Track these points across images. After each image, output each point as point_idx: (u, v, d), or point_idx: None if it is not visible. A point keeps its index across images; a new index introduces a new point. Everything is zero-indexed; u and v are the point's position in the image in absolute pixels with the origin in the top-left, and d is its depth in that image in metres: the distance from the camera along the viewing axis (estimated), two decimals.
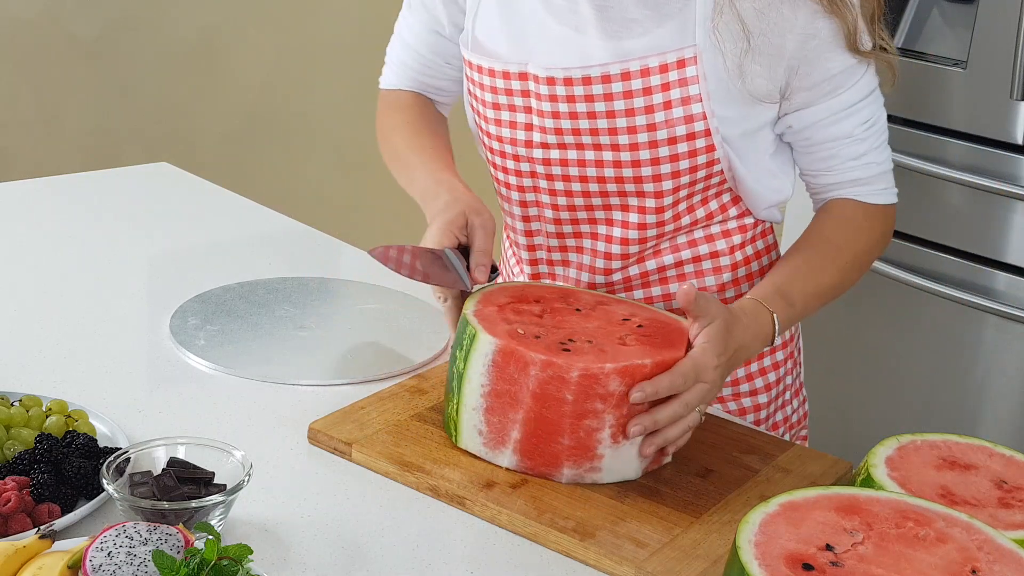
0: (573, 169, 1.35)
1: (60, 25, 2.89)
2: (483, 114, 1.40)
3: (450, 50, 1.48)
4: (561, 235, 1.42)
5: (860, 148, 1.35)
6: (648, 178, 1.32)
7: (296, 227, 1.86)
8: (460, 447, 1.19)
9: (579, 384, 1.11)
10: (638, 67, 1.27)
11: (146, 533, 0.94)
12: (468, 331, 1.16)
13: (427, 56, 1.50)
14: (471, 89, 1.41)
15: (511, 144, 1.38)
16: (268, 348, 1.42)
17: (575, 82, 1.30)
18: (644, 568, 1.03)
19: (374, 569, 1.03)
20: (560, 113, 1.32)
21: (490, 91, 1.37)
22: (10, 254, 1.66)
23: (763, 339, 1.26)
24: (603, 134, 1.31)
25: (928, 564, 0.90)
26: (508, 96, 1.36)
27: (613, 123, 1.30)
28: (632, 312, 1.24)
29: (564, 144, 1.34)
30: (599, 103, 1.30)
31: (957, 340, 2.44)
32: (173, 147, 3.10)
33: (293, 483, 1.15)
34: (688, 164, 1.31)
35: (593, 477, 1.15)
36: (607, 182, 1.35)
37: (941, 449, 1.12)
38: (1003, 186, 2.28)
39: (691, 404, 1.14)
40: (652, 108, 1.29)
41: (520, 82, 1.34)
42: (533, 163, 1.37)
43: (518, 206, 1.44)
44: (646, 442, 1.14)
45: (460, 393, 1.17)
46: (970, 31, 2.31)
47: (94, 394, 1.27)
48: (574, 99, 1.31)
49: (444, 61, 1.50)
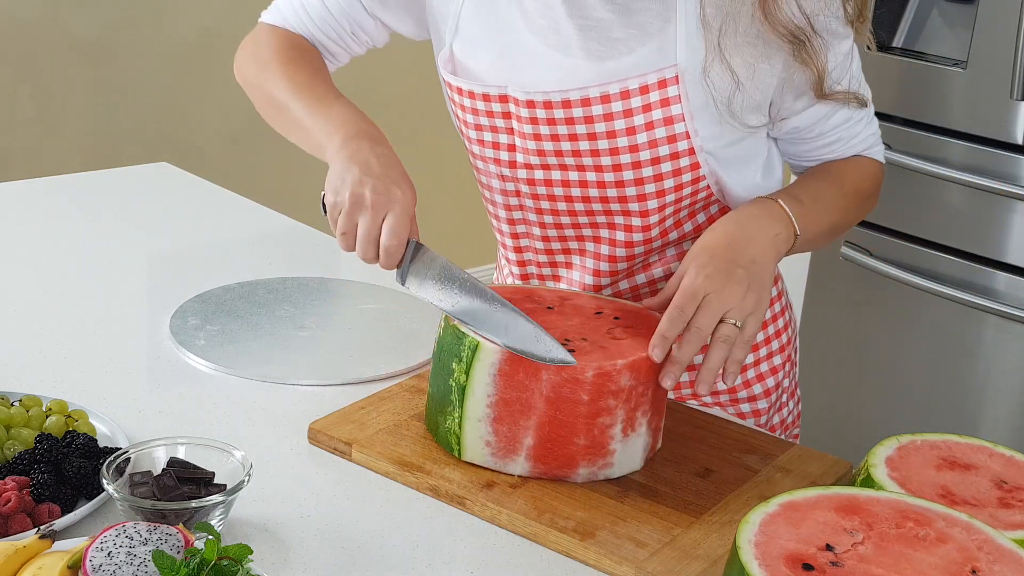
0: (558, 189, 1.34)
1: (60, 25, 2.89)
2: (466, 133, 1.38)
3: (364, 23, 1.41)
4: (550, 251, 1.42)
5: (858, 127, 1.37)
6: (633, 198, 1.31)
7: (296, 227, 1.86)
8: (465, 460, 1.17)
9: (594, 383, 1.12)
10: (618, 89, 1.25)
11: (146, 533, 0.94)
12: (467, 343, 1.14)
13: (335, 14, 1.40)
14: (453, 108, 1.39)
15: (495, 164, 1.37)
16: (268, 348, 1.42)
17: (555, 105, 1.27)
18: (644, 568, 1.03)
19: (374, 569, 1.03)
20: (541, 135, 1.30)
21: (471, 112, 1.35)
22: (10, 254, 1.66)
23: (777, 219, 1.25)
24: (585, 155, 1.30)
25: (928, 564, 0.90)
26: (489, 118, 1.33)
27: (595, 145, 1.28)
28: (598, 304, 1.25)
29: (547, 165, 1.32)
30: (580, 125, 1.28)
31: (957, 340, 2.44)
32: (173, 147, 3.10)
33: (293, 483, 1.15)
34: (673, 183, 1.30)
35: (605, 473, 1.16)
36: (592, 201, 1.33)
37: (941, 449, 1.12)
38: (1003, 186, 2.28)
39: (705, 326, 1.15)
40: (634, 129, 1.27)
41: (501, 104, 1.32)
42: (518, 182, 1.36)
43: (506, 224, 1.43)
44: (697, 381, 1.15)
45: (463, 406, 1.15)
46: (970, 31, 2.31)
47: (94, 394, 1.27)
48: (555, 122, 1.29)
49: (351, 30, 1.41)
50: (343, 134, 1.24)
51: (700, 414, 1.31)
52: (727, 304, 1.16)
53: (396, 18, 1.41)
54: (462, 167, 1.53)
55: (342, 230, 1.18)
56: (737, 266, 1.19)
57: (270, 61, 1.38)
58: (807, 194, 1.31)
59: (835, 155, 1.38)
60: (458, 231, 3.76)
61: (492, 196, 1.42)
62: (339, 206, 1.18)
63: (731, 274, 1.18)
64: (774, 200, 1.27)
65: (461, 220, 3.75)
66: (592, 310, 1.24)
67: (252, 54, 1.42)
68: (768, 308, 1.42)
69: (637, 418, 1.15)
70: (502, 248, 1.50)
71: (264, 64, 1.38)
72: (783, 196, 1.29)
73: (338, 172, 1.19)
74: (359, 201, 1.17)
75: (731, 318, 1.16)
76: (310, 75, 1.35)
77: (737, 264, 1.19)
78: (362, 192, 1.17)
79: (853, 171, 1.38)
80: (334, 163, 1.21)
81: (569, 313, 1.23)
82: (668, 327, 1.14)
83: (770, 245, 1.24)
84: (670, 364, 1.14)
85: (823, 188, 1.34)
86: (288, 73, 1.35)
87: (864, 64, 1.36)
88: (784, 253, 1.27)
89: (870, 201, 1.42)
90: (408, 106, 3.62)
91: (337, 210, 1.18)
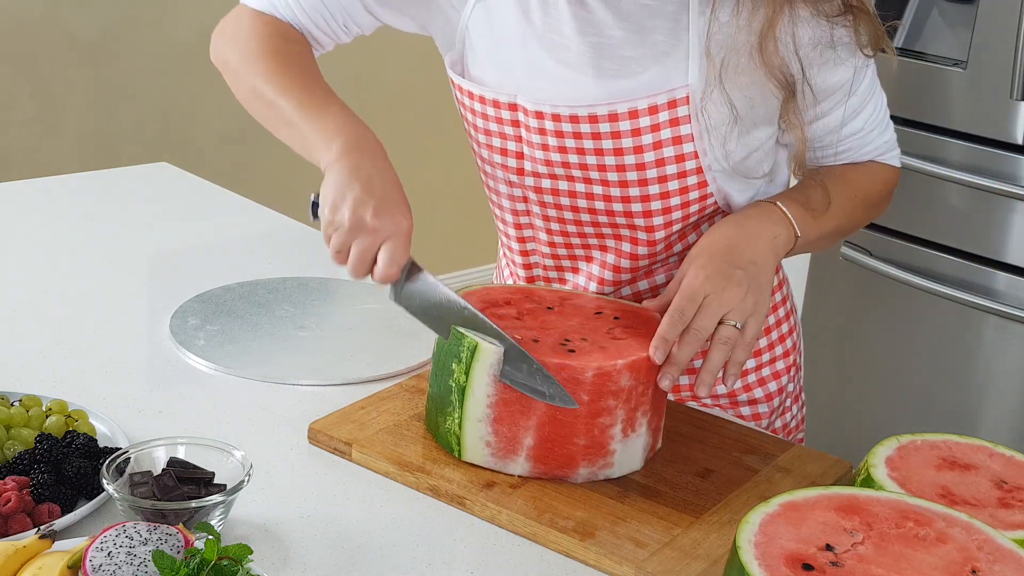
0: (564, 199, 1.33)
1: (60, 25, 2.89)
2: (475, 137, 1.37)
3: (358, 17, 1.36)
4: (556, 256, 1.41)
5: (872, 136, 1.37)
6: (638, 213, 1.31)
7: (296, 227, 1.86)
8: (465, 460, 1.17)
9: (594, 383, 1.12)
10: (626, 109, 1.24)
11: (146, 533, 0.94)
12: (466, 343, 1.14)
13: (328, 9, 1.35)
14: (462, 111, 1.38)
15: (503, 169, 1.36)
16: (268, 348, 1.42)
17: (563, 119, 1.26)
18: (644, 568, 1.03)
19: (374, 569, 1.03)
20: (549, 146, 1.29)
21: (481, 117, 1.34)
22: (10, 254, 1.66)
23: (776, 221, 1.25)
24: (592, 170, 1.29)
25: (928, 564, 0.90)
26: (499, 124, 1.32)
27: (602, 160, 1.27)
28: (598, 304, 1.25)
29: (555, 175, 1.31)
30: (587, 140, 1.27)
31: (957, 340, 2.44)
32: (173, 147, 3.10)
33: (293, 483, 1.15)
34: (679, 200, 1.30)
35: (605, 473, 1.16)
36: (598, 214, 1.33)
37: (941, 449, 1.12)
38: (1003, 186, 2.28)
39: (704, 327, 1.15)
40: (641, 149, 1.26)
41: (510, 112, 1.30)
42: (525, 189, 1.36)
43: (513, 228, 1.43)
44: (697, 383, 1.15)
45: (463, 407, 1.15)
46: (970, 31, 2.31)
47: (94, 394, 1.27)
48: (562, 135, 1.27)
49: (342, 24, 1.37)
50: (341, 142, 1.20)
51: (700, 414, 1.31)
52: (727, 305, 1.16)
53: (395, 16, 1.38)
54: (465, 164, 1.53)
55: (337, 248, 1.15)
56: (736, 267, 1.19)
57: (255, 51, 1.32)
58: (811, 197, 1.30)
59: (845, 162, 1.37)
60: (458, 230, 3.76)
61: (500, 200, 1.42)
62: (336, 224, 1.15)
63: (730, 276, 1.18)
64: (773, 203, 1.27)
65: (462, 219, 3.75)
66: (592, 310, 1.24)
67: (233, 40, 1.35)
68: (771, 311, 1.42)
69: (637, 418, 1.15)
70: (507, 251, 1.49)
71: (248, 54, 1.32)
72: (783, 199, 1.28)
73: (337, 186, 1.16)
74: (359, 224, 1.14)
75: (731, 319, 1.16)
76: (301, 71, 1.30)
77: (736, 265, 1.19)
78: (363, 215, 1.14)
79: (864, 176, 1.38)
80: (332, 173, 1.18)
81: (569, 313, 1.23)
82: (668, 329, 1.14)
83: (769, 247, 1.24)
84: (668, 365, 1.14)
85: (830, 192, 1.33)
86: (277, 67, 1.29)
87: None
88: (784, 255, 1.27)
89: (881, 206, 1.41)
90: (410, 100, 3.61)
91: (333, 227, 1.15)
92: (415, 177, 1.24)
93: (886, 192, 1.41)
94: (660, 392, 1.17)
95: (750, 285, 1.18)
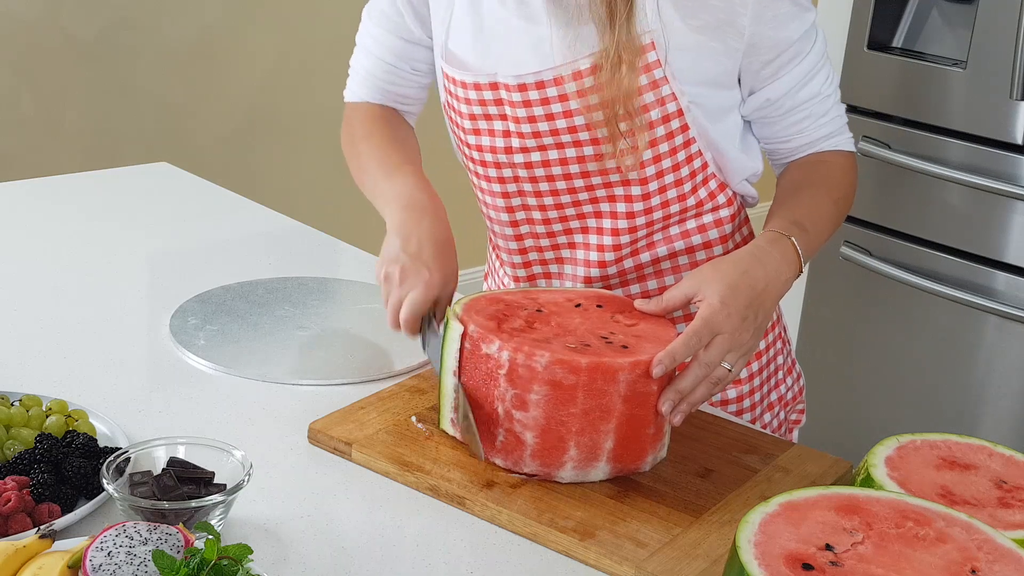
0: (556, 168, 1.36)
1: (60, 25, 2.89)
2: (461, 125, 1.41)
3: (416, 54, 1.48)
4: (552, 234, 1.43)
5: (826, 104, 1.40)
6: (631, 166, 1.34)
7: (296, 227, 1.86)
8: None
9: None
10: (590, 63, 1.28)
11: (146, 533, 0.94)
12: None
13: (392, 63, 1.49)
14: (448, 101, 1.42)
15: (491, 152, 1.39)
16: (268, 348, 1.42)
17: (547, 84, 1.31)
18: (644, 568, 1.03)
19: (374, 569, 1.03)
20: (536, 117, 1.33)
21: (465, 103, 1.38)
22: (10, 254, 1.66)
23: (790, 264, 1.28)
24: (581, 130, 1.32)
25: (928, 564, 0.90)
26: (482, 106, 1.37)
27: (591, 117, 1.31)
28: (568, 297, 1.26)
29: (544, 146, 1.35)
30: (573, 100, 1.31)
31: (957, 340, 2.44)
32: (173, 147, 3.09)
33: (293, 483, 1.15)
34: (667, 147, 1.34)
35: (662, 455, 1.19)
36: (591, 176, 1.36)
37: (941, 449, 1.12)
38: (1003, 186, 2.28)
39: (712, 362, 1.17)
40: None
41: (492, 92, 1.35)
42: (515, 168, 1.38)
43: (504, 212, 1.44)
44: (675, 411, 1.17)
45: None
46: (970, 31, 2.31)
47: (94, 394, 1.27)
48: (548, 101, 1.32)
49: (410, 67, 1.50)
50: (397, 206, 1.34)
51: (700, 414, 1.31)
52: (734, 347, 1.19)
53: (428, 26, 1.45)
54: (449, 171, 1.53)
55: (384, 301, 1.29)
56: (752, 311, 1.21)
57: (355, 137, 1.50)
58: (808, 218, 1.33)
59: (807, 136, 1.40)
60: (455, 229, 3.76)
61: (490, 186, 1.43)
62: (379, 277, 1.30)
63: (746, 318, 1.20)
64: (788, 237, 1.29)
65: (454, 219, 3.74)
66: (572, 304, 1.24)
67: (347, 133, 1.53)
68: None
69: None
70: (497, 246, 1.51)
71: (351, 140, 1.51)
72: (792, 228, 1.30)
73: (386, 243, 1.31)
74: (390, 278, 1.29)
75: (728, 361, 1.19)
76: (384, 145, 1.46)
77: (753, 308, 1.21)
78: (393, 271, 1.28)
79: (836, 174, 1.41)
80: (387, 233, 1.32)
81: (584, 313, 1.22)
82: (683, 350, 1.15)
83: (780, 292, 1.27)
84: (672, 391, 1.16)
85: (819, 205, 1.36)
86: (367, 147, 1.47)
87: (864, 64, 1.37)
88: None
89: (851, 200, 1.45)
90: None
91: (379, 280, 1.30)
92: None
93: (853, 186, 1.44)
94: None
95: (755, 330, 1.22)
